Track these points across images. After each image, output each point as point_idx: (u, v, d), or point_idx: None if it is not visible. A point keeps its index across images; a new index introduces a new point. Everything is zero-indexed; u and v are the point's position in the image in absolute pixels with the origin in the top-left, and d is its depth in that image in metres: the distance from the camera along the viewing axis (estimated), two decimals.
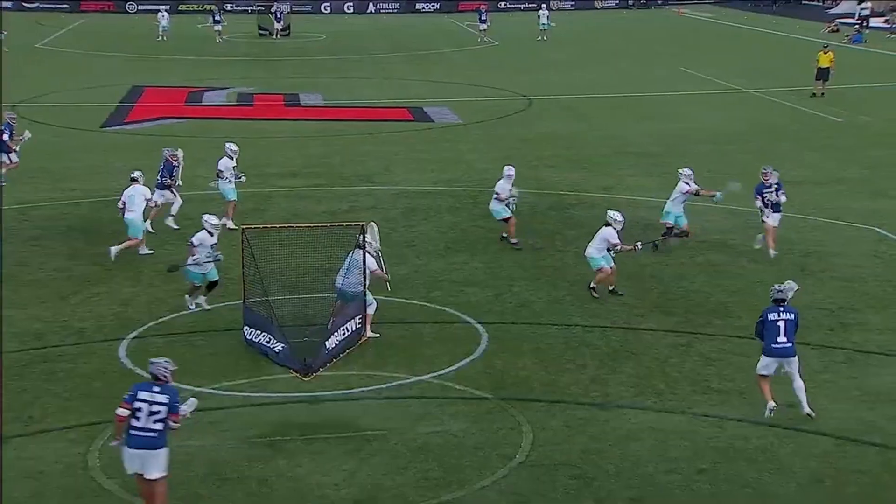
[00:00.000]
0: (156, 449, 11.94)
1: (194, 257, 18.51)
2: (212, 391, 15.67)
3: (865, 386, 16.05)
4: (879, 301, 19.65)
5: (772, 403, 14.32)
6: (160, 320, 18.50)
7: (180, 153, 24.45)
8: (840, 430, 14.51)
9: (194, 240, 18.60)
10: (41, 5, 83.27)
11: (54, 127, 37.16)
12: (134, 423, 11.88)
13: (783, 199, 21.36)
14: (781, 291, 14.63)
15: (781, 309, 14.44)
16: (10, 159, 27.96)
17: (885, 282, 20.37)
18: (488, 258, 22.07)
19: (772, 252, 21.29)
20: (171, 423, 11.97)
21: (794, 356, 14.42)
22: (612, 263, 19.26)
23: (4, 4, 76.19)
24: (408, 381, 16.02)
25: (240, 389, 15.79)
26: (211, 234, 18.63)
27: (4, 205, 26.36)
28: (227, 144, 25.07)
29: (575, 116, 39.28)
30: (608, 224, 19.22)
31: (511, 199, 22.37)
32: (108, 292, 19.87)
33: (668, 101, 43.21)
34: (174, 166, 24.11)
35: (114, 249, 21.31)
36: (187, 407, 12.28)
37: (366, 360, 16.78)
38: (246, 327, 17.37)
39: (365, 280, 17.41)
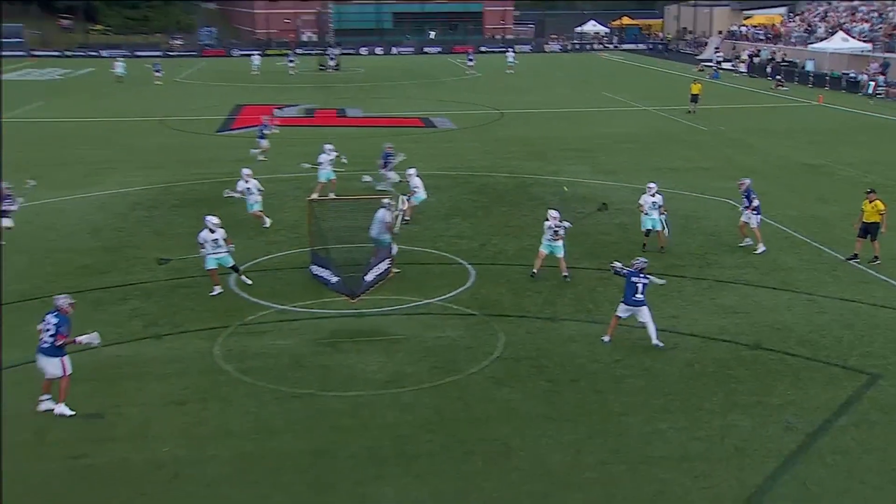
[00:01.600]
0: (49, 356, 11.72)
1: (203, 250, 16.41)
2: (291, 308, 15.79)
3: (720, 303, 16.22)
4: (730, 248, 19.70)
5: (606, 338, 14.22)
6: (255, 261, 18.53)
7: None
8: (704, 332, 14.71)
9: (199, 238, 16.39)
10: (180, 53, 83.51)
11: (186, 132, 37.06)
12: (41, 336, 11.76)
13: (755, 203, 19.14)
14: (645, 262, 14.24)
15: (641, 275, 14.02)
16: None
17: (734, 236, 20.37)
18: (475, 221, 22.07)
19: (747, 243, 19.41)
20: (56, 341, 11.63)
21: (644, 307, 14.08)
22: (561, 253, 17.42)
23: (155, 53, 76.06)
24: (421, 302, 16.08)
25: (309, 307, 15.85)
26: (212, 231, 16.24)
27: (160, 182, 26.35)
28: (325, 145, 24.99)
29: (532, 124, 39.06)
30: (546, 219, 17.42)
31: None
32: None
33: (594, 114, 42.93)
34: (390, 155, 23.92)
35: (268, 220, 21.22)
36: (86, 337, 11.86)
37: (393, 289, 16.82)
38: (312, 266, 17.40)
39: (390, 233, 17.42)
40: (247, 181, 20.84)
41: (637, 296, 14.06)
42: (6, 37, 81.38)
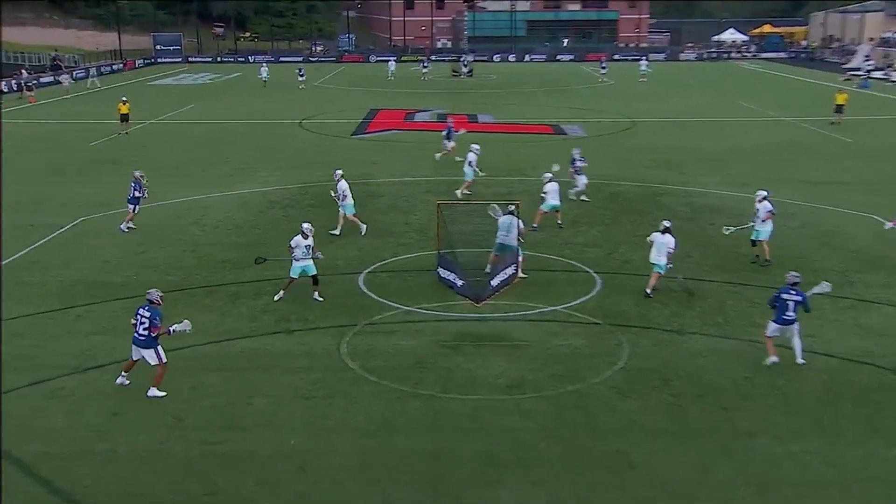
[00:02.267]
0: (145, 348, 12.27)
1: (293, 255, 16.17)
2: (416, 309, 15.85)
3: (863, 324, 15.24)
4: (874, 265, 18.55)
5: (774, 358, 13.24)
6: (383, 262, 18.76)
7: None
8: (843, 354, 13.85)
9: (292, 242, 16.19)
10: (320, 59, 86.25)
11: (322, 135, 38.17)
12: (137, 329, 12.29)
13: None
14: (797, 277, 13.32)
15: (793, 291, 13.08)
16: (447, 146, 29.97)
17: (879, 253, 19.21)
18: (602, 229, 21.65)
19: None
20: (152, 333, 12.15)
21: (796, 324, 13.17)
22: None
23: (298, 58, 78.89)
24: (545, 309, 15.86)
25: (434, 309, 15.87)
26: (306, 236, 16.11)
27: (297, 182, 27.17)
28: (473, 145, 25.80)
29: (664, 133, 38.05)
30: (668, 231, 16.41)
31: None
32: (350, 242, 20.25)
33: (729, 124, 41.41)
34: (577, 160, 24.01)
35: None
36: (179, 326, 12.30)
37: (518, 294, 16.65)
38: (439, 268, 17.42)
39: (518, 237, 17.29)
40: (338, 181, 20.80)
41: (788, 314, 13.15)
42: (167, 45, 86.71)
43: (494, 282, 16.51)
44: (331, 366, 13.48)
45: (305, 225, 16.64)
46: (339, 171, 21.31)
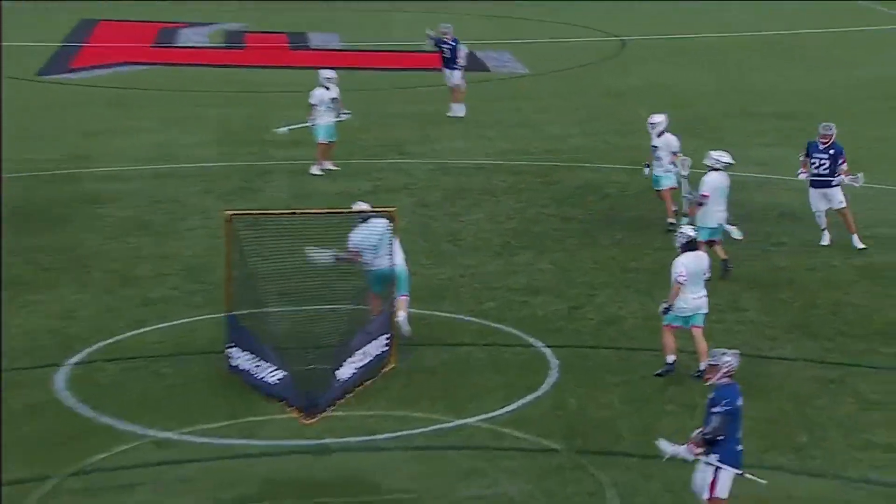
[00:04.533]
0: None
1: None
2: (180, 437, 15.57)
3: None
4: None
5: None
6: (112, 339, 18.53)
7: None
8: None
9: None
10: None
11: None
12: None
13: None
14: (731, 365, 12.88)
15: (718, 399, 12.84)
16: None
17: None
18: (561, 257, 21.93)
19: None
20: None
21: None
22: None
23: None
24: (448, 425, 15.82)
25: (220, 435, 15.63)
26: None
27: None
28: (321, 71, 27.32)
29: (690, 63, 39.13)
30: (693, 245, 17.40)
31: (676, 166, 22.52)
32: (45, 300, 20.02)
33: (834, 42, 42.80)
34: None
35: None
36: None
37: (392, 396, 16.65)
38: (230, 349, 17.28)
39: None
40: None
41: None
42: None
43: (344, 372, 16.51)
44: None
45: None
46: None
